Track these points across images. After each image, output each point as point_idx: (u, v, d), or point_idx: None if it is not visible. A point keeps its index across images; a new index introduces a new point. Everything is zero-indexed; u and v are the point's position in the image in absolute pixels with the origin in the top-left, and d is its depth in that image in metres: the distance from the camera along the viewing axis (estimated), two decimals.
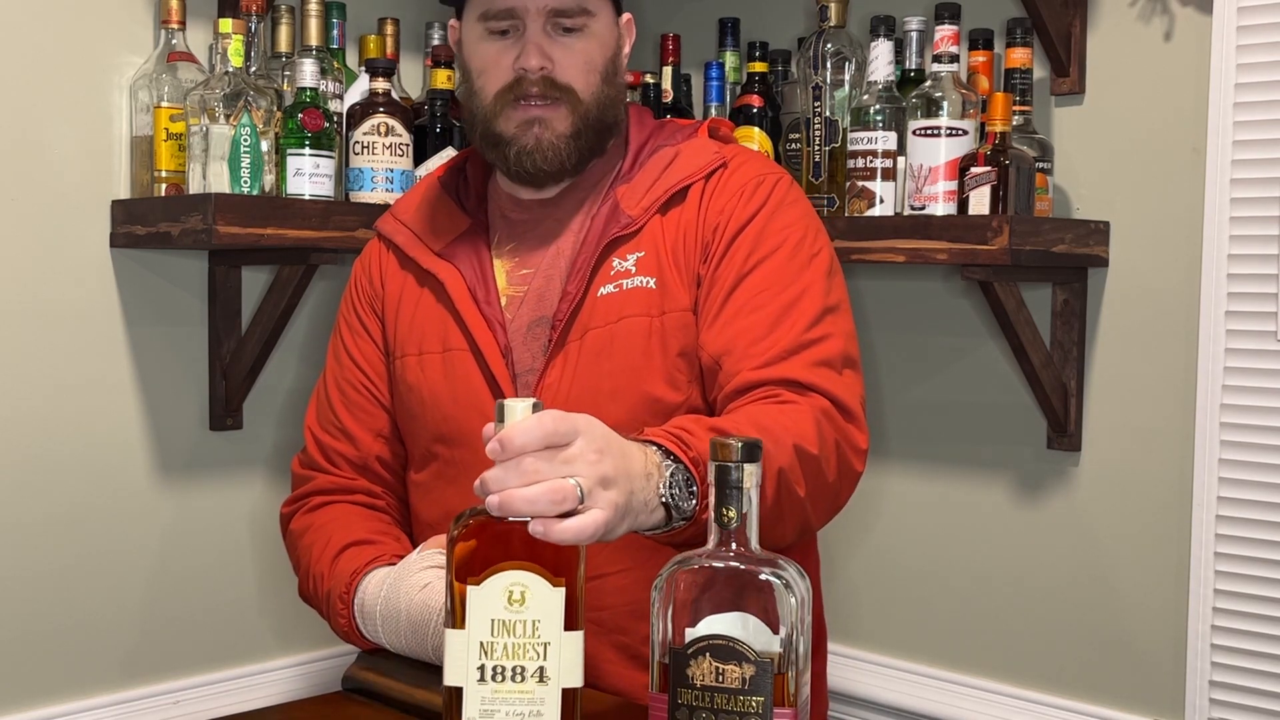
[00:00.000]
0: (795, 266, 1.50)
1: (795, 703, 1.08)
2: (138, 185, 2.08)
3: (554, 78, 1.52)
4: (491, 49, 1.54)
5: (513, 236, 1.61)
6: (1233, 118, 1.94)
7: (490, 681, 1.06)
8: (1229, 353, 1.96)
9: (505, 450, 1.07)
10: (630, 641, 1.51)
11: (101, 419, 2.10)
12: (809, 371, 1.43)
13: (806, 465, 1.36)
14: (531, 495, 1.05)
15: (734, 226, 1.52)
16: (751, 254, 1.50)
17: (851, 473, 1.45)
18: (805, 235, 1.54)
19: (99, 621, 2.11)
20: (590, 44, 1.54)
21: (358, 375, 1.65)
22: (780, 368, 1.43)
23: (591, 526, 1.07)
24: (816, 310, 1.48)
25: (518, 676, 1.06)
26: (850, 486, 1.47)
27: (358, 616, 1.48)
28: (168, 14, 2.04)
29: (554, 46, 1.52)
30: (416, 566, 1.44)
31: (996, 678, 2.25)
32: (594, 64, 1.54)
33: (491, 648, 1.06)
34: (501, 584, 1.05)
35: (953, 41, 2.02)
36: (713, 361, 1.48)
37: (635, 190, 1.56)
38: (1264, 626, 1.95)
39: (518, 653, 1.06)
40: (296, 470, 1.69)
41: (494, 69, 1.54)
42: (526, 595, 1.06)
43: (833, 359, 1.46)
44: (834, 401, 1.43)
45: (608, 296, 1.52)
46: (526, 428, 1.07)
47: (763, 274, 1.49)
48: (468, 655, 1.06)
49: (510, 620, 1.05)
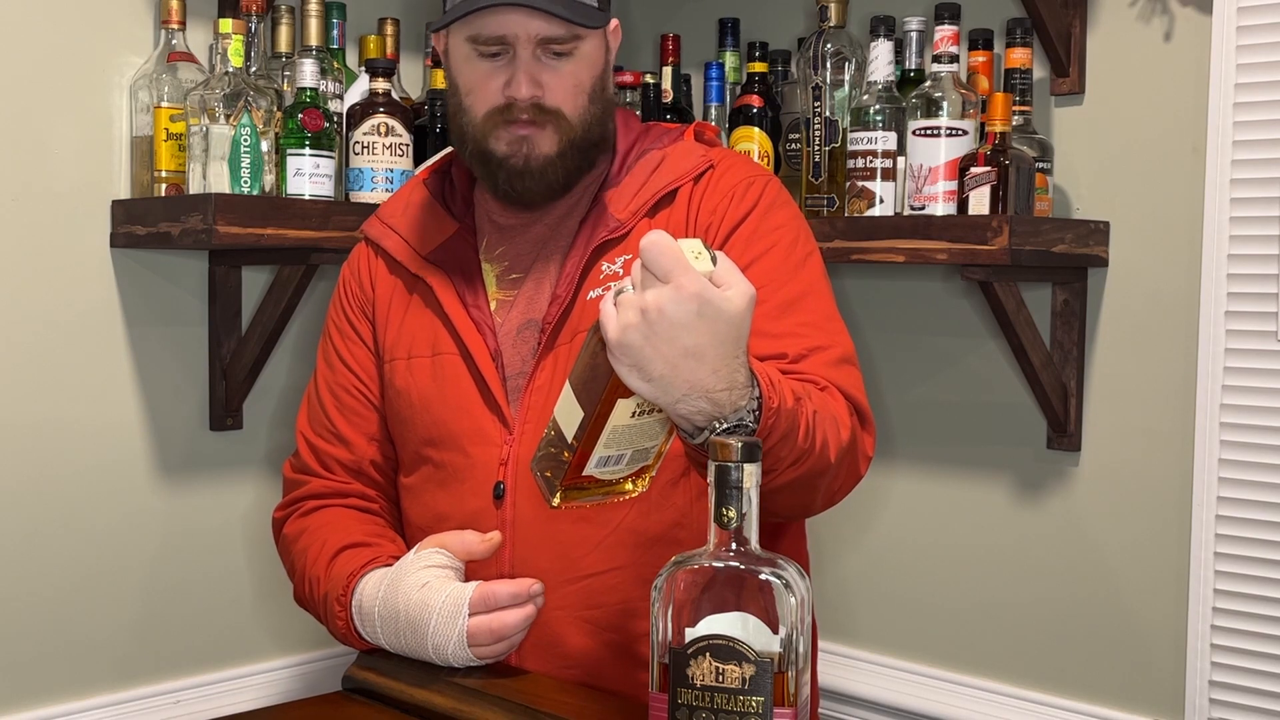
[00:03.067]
0: (791, 265, 1.51)
1: (795, 703, 1.08)
2: (138, 185, 2.08)
3: (542, 103, 1.52)
4: (480, 70, 1.53)
5: (502, 241, 1.61)
6: (1233, 118, 1.94)
7: (610, 448, 1.20)
8: (1229, 353, 1.96)
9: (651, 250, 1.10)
10: (624, 640, 1.51)
11: (101, 419, 2.10)
12: (829, 370, 1.44)
13: (840, 446, 1.36)
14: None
15: (726, 226, 1.52)
16: (745, 252, 1.50)
17: (855, 473, 1.45)
18: (798, 236, 1.54)
19: (99, 621, 2.11)
20: (579, 66, 1.53)
21: (350, 379, 1.65)
22: (801, 366, 1.43)
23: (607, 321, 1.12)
24: (826, 309, 1.49)
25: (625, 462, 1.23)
26: (851, 484, 1.47)
27: (355, 618, 1.48)
28: (168, 14, 2.04)
29: (543, 71, 1.51)
30: (414, 567, 1.44)
31: (996, 678, 2.25)
32: (582, 86, 1.54)
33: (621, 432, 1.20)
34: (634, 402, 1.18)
35: (952, 41, 2.02)
36: None
37: (623, 194, 1.56)
38: (1264, 626, 1.95)
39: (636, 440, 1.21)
40: (288, 475, 1.69)
41: (482, 90, 1.53)
42: (649, 412, 1.19)
43: (849, 357, 1.48)
44: (854, 403, 1.44)
45: (597, 300, 1.51)
46: (674, 252, 1.09)
47: (760, 272, 1.48)
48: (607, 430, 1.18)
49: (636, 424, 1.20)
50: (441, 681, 1.39)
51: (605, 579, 1.50)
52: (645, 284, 1.11)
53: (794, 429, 1.24)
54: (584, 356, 1.19)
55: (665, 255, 1.10)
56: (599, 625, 1.51)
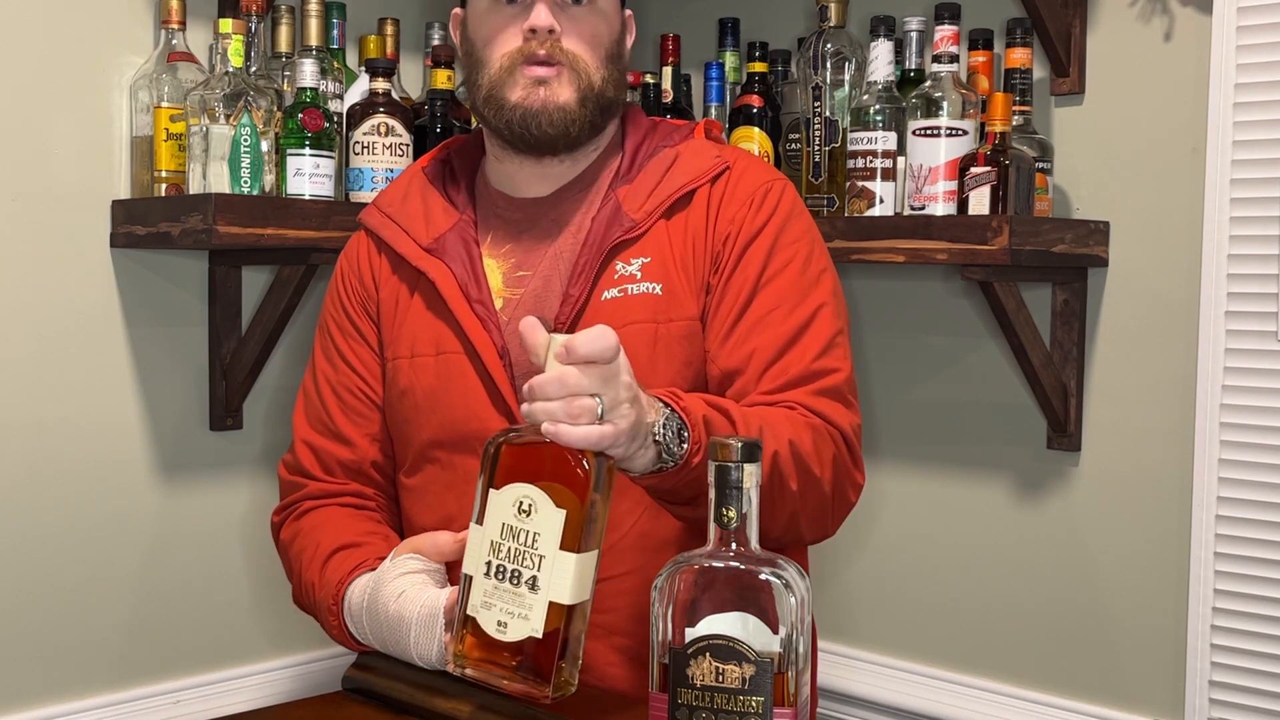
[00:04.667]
0: (806, 283, 1.51)
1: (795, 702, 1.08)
2: (138, 185, 2.08)
3: (560, 43, 1.52)
4: (500, 17, 1.53)
5: (508, 236, 1.58)
6: (1233, 118, 1.94)
7: (494, 578, 1.18)
8: (1229, 353, 1.96)
9: (570, 355, 1.16)
10: (633, 645, 1.50)
11: (101, 419, 2.10)
12: (816, 401, 1.45)
13: (799, 463, 1.38)
14: (551, 409, 1.16)
15: (745, 237, 1.51)
16: (765, 268, 1.50)
17: (845, 501, 1.48)
18: (813, 249, 1.54)
19: (99, 621, 2.11)
20: (597, 20, 1.54)
21: (353, 379, 1.62)
22: (788, 396, 1.45)
23: (597, 435, 1.16)
24: (829, 335, 1.49)
25: (515, 580, 1.17)
26: (842, 513, 1.49)
27: (348, 623, 1.47)
28: (168, 14, 2.04)
29: (562, 16, 1.52)
30: (390, 576, 1.42)
31: (996, 678, 2.25)
32: (600, 39, 1.54)
33: (499, 548, 1.18)
34: (515, 494, 1.17)
35: (953, 41, 2.02)
36: (723, 376, 1.49)
37: (637, 192, 1.54)
38: (1264, 626, 1.95)
39: (518, 558, 1.17)
40: (284, 476, 1.67)
41: (501, 35, 1.53)
42: (533, 509, 1.17)
43: (841, 388, 1.48)
44: (841, 433, 1.46)
45: (612, 301, 1.50)
46: (591, 337, 1.16)
47: (775, 291, 1.49)
48: (481, 550, 1.19)
49: (517, 528, 1.17)
50: (442, 682, 1.39)
51: (615, 584, 1.49)
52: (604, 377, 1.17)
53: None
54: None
55: (593, 349, 1.17)
56: (608, 630, 1.50)
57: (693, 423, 1.27)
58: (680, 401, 1.28)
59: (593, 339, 1.16)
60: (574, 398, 1.15)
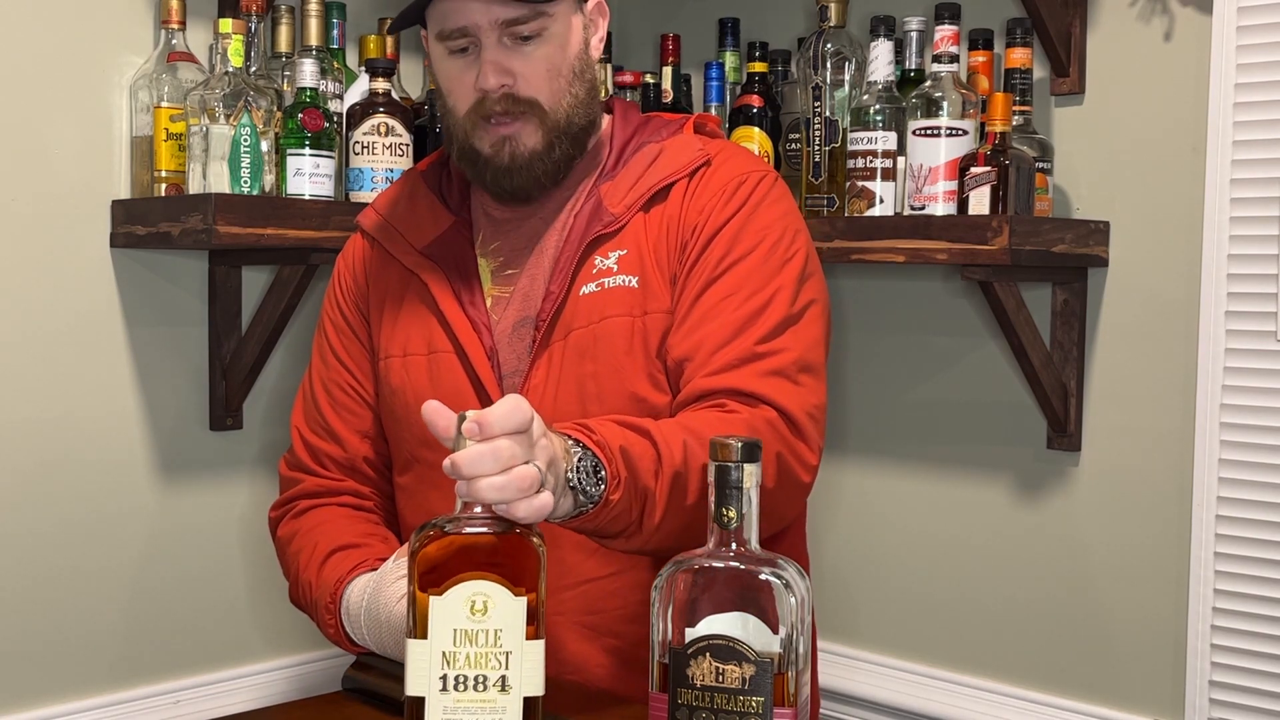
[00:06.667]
0: (767, 270, 1.48)
1: (795, 703, 1.08)
2: (138, 185, 2.08)
3: (516, 94, 1.48)
4: (453, 68, 1.50)
5: (497, 235, 1.59)
6: (1233, 118, 1.94)
7: (453, 691, 1.06)
8: (1229, 353, 1.96)
9: (484, 431, 1.08)
10: (623, 645, 1.50)
11: (101, 419, 2.10)
12: (758, 382, 1.42)
13: None
14: (500, 483, 1.07)
15: (711, 228, 1.49)
16: (725, 257, 1.48)
17: (797, 484, 1.43)
18: (782, 237, 1.51)
19: (98, 621, 2.11)
20: (550, 48, 1.49)
21: (344, 376, 1.63)
22: (729, 377, 1.42)
23: (550, 503, 1.10)
24: (778, 319, 1.46)
25: (480, 686, 1.06)
26: (796, 498, 1.46)
27: (345, 623, 1.47)
28: (168, 14, 2.04)
29: (513, 58, 1.47)
30: (392, 577, 1.42)
31: (996, 678, 2.25)
32: (557, 69, 1.50)
33: (454, 657, 1.06)
34: (464, 594, 1.06)
35: (953, 41, 2.02)
36: (676, 366, 1.46)
37: (618, 188, 1.54)
38: (1264, 626, 1.95)
39: (480, 662, 1.06)
40: (284, 472, 1.67)
41: (458, 88, 1.50)
42: (489, 605, 1.06)
43: (786, 368, 1.44)
44: (782, 413, 1.41)
45: (590, 296, 1.50)
46: (506, 412, 1.09)
47: (733, 278, 1.47)
48: (430, 665, 1.06)
49: (473, 630, 1.06)
50: None
51: (603, 584, 1.49)
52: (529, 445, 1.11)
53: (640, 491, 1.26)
54: None
55: (511, 423, 1.09)
56: (598, 630, 1.50)
57: (609, 456, 1.23)
58: (594, 436, 1.23)
59: (508, 414, 1.09)
60: (513, 469, 1.07)
